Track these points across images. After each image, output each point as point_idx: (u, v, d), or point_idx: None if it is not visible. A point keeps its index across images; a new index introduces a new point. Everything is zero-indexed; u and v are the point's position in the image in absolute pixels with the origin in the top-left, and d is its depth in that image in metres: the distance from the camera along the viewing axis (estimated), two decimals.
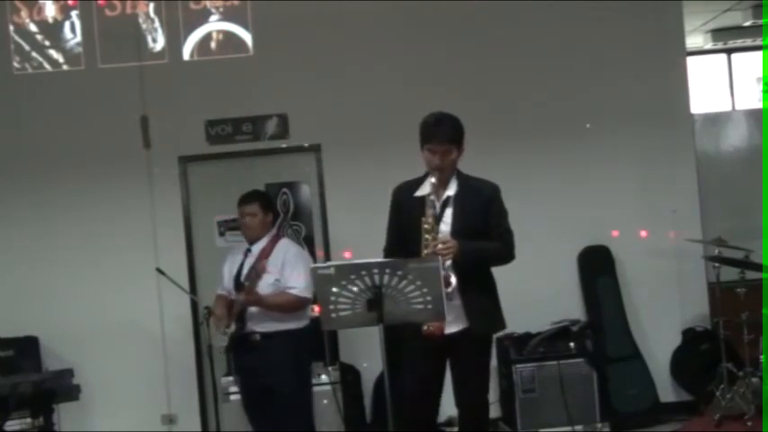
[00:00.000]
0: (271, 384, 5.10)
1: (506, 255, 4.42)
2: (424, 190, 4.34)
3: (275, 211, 5.63)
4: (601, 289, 6.62)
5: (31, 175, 6.53)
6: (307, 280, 5.00)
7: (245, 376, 5.31)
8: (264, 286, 5.05)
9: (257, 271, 4.99)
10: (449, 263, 4.14)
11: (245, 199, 5.38)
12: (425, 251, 4.19)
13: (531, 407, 6.13)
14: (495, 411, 6.38)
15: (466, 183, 4.42)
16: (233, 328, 5.12)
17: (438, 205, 4.37)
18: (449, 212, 4.37)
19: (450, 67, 6.62)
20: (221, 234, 6.62)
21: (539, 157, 6.66)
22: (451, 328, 4.27)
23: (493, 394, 6.26)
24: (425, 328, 4.24)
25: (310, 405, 5.52)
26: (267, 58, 6.59)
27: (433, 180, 4.33)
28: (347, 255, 6.37)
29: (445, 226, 4.33)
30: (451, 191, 4.39)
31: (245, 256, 5.29)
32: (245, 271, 5.21)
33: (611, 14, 6.71)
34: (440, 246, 4.17)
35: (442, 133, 4.32)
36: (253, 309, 5.09)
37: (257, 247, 5.26)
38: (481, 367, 4.46)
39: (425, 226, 4.24)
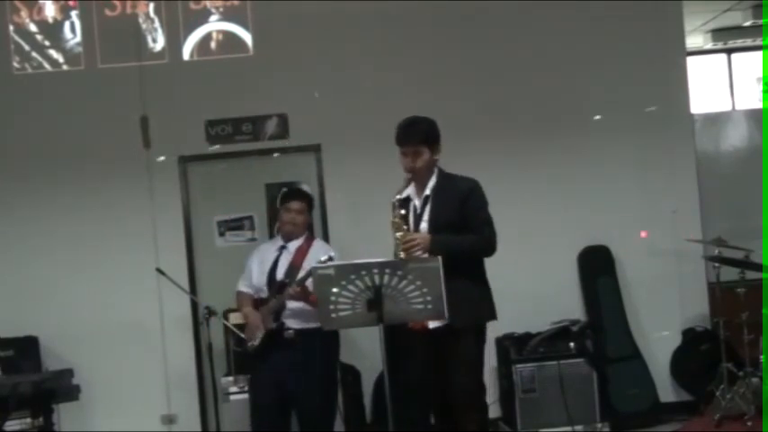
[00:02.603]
0: (303, 382, 5.06)
1: (485, 246, 4.51)
2: (402, 192, 4.50)
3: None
4: (601, 289, 6.62)
5: (31, 175, 6.52)
6: None
7: (276, 373, 5.14)
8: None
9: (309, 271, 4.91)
10: None
11: (295, 195, 5.41)
12: (397, 250, 4.35)
13: (531, 407, 6.12)
14: (495, 411, 6.39)
15: (444, 181, 4.57)
16: (266, 326, 5.11)
17: (419, 204, 4.56)
18: (427, 210, 4.52)
19: (450, 68, 6.62)
20: (221, 234, 6.62)
21: (539, 157, 6.66)
22: (435, 322, 4.33)
23: (493, 394, 6.31)
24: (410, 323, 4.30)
25: (336, 404, 5.52)
26: (267, 58, 6.59)
27: (409, 181, 4.51)
28: None
29: (425, 224, 4.51)
30: (429, 190, 4.56)
31: (280, 252, 5.28)
32: (280, 267, 5.22)
33: (611, 14, 6.70)
34: (409, 242, 4.32)
35: (412, 136, 4.53)
36: (290, 305, 5.07)
37: (294, 245, 5.28)
38: (466, 352, 4.46)
39: (394, 227, 4.42)
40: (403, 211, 4.48)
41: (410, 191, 4.55)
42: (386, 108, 6.44)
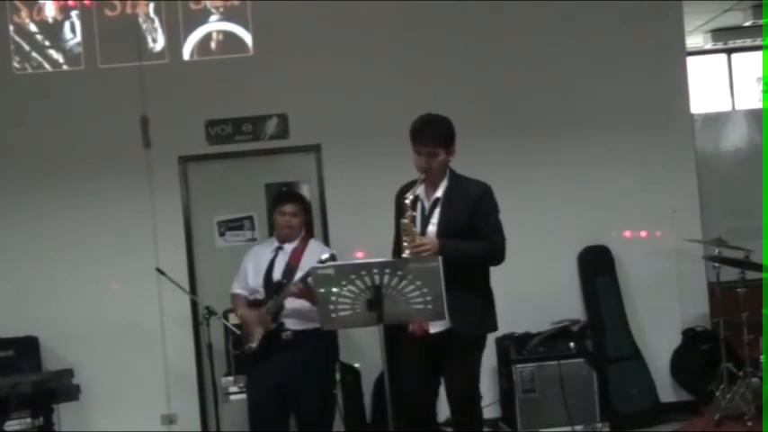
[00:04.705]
0: (302, 382, 5.06)
1: (494, 255, 4.41)
2: (415, 192, 4.37)
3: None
4: (601, 289, 6.62)
5: (31, 175, 6.52)
6: None
7: (274, 373, 5.10)
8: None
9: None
10: None
11: (289, 198, 5.37)
12: (405, 252, 4.24)
13: (531, 407, 6.12)
14: (495, 411, 6.40)
15: (456, 184, 4.46)
16: (265, 327, 5.10)
17: (428, 206, 4.44)
18: (437, 213, 4.41)
19: (450, 68, 6.62)
20: (221, 234, 6.62)
21: (539, 158, 6.66)
22: (436, 327, 4.30)
23: (493, 394, 6.32)
24: (410, 327, 4.27)
25: (335, 404, 5.51)
26: (267, 58, 6.59)
27: (422, 181, 4.37)
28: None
29: (433, 227, 4.39)
30: (440, 192, 4.44)
31: (276, 253, 5.27)
32: (276, 268, 5.20)
33: (612, 14, 6.71)
34: (418, 246, 4.21)
35: (428, 135, 4.37)
36: (288, 305, 5.06)
37: (290, 247, 5.25)
38: (467, 367, 4.45)
39: (403, 228, 4.30)
40: (414, 213, 4.35)
41: (419, 191, 4.40)
42: (386, 108, 6.47)
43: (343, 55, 6.61)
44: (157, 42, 6.60)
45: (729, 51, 9.64)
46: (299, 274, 5.05)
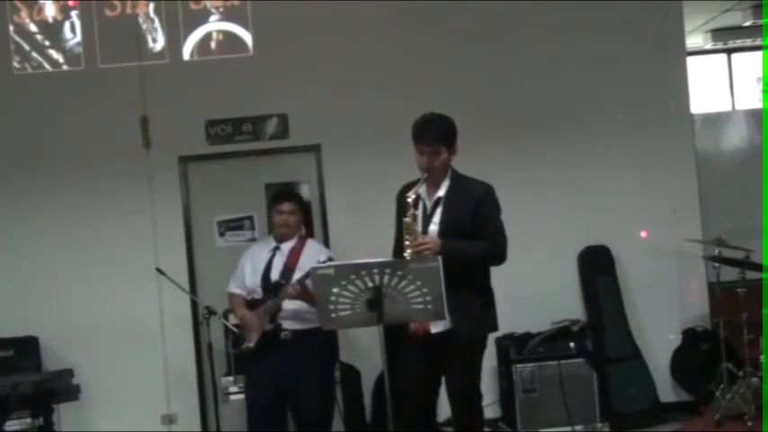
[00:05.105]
0: (300, 382, 5.05)
1: (495, 255, 4.42)
2: (417, 191, 4.36)
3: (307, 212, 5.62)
4: (601, 289, 6.62)
5: (31, 176, 6.52)
6: None
7: (272, 373, 5.09)
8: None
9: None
10: None
11: (286, 196, 5.35)
12: (407, 252, 4.24)
13: (531, 407, 6.12)
14: (495, 411, 6.40)
15: (458, 183, 4.46)
16: (263, 328, 5.10)
17: (429, 206, 4.44)
18: (439, 213, 4.41)
19: (450, 68, 6.62)
20: (221, 234, 6.62)
21: (539, 157, 6.66)
22: (437, 327, 4.30)
23: (493, 394, 6.32)
24: (411, 326, 4.27)
25: (334, 404, 5.51)
26: (267, 58, 6.59)
27: (424, 180, 4.36)
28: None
29: (434, 226, 4.39)
30: (442, 191, 4.44)
31: (273, 254, 5.25)
32: (274, 269, 5.19)
33: (612, 15, 6.71)
34: (420, 245, 4.21)
35: (430, 134, 4.37)
36: (286, 307, 5.05)
37: (287, 246, 5.24)
38: (468, 367, 4.46)
39: (406, 227, 4.30)
40: (416, 212, 4.35)
41: (421, 190, 4.39)
42: (386, 108, 6.48)
43: (343, 55, 6.62)
44: (157, 42, 6.61)
45: (729, 51, 9.65)
46: (297, 275, 5.04)
